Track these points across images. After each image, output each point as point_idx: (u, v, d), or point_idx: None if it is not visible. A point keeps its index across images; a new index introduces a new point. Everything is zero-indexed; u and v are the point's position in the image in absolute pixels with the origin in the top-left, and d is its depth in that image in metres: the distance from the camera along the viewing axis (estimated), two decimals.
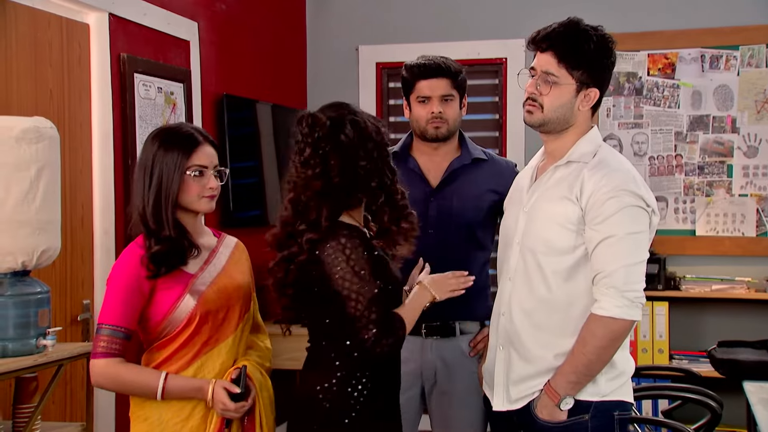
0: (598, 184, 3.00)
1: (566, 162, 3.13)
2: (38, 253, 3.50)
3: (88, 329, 4.48)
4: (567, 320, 3.05)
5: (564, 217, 3.04)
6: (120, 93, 4.68)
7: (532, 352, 3.10)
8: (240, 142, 5.87)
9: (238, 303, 3.22)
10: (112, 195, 4.63)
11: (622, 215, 2.97)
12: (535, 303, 3.10)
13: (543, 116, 3.13)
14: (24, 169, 3.45)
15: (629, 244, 2.97)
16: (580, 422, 3.03)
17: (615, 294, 2.94)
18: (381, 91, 6.85)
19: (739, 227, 6.18)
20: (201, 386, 3.07)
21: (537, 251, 3.10)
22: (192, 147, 3.13)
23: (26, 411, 3.59)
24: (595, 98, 3.12)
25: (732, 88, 6.19)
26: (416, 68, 3.79)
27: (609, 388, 3.06)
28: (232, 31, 5.91)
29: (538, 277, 3.09)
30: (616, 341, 2.98)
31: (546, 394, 3.04)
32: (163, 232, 3.07)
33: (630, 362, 3.17)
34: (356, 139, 3.02)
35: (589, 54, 3.07)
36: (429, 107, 3.75)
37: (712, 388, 4.47)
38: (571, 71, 3.07)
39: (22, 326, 3.47)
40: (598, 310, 2.96)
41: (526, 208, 3.18)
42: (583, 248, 3.03)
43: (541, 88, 3.10)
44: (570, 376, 3.00)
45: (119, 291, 3.05)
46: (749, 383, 4.41)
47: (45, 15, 4.28)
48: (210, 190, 3.16)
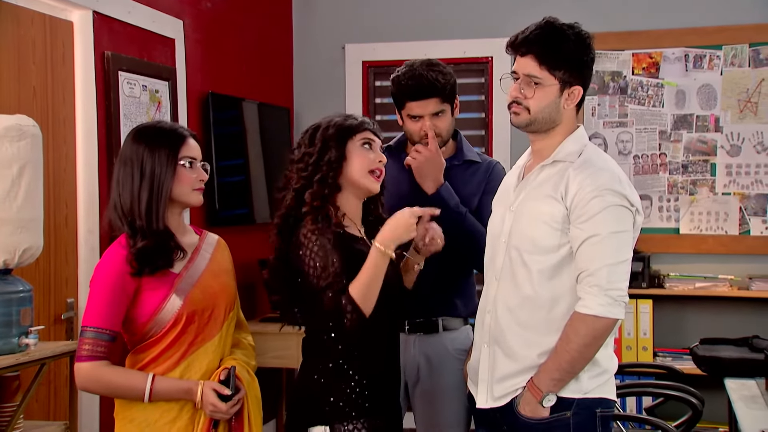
0: (582, 183, 3.02)
1: (552, 161, 3.15)
2: (20, 252, 3.49)
3: (72, 328, 4.48)
4: (551, 318, 3.07)
5: (549, 215, 3.06)
6: (104, 91, 4.68)
7: (516, 350, 3.11)
8: (226, 140, 5.88)
9: (223, 301, 3.22)
10: (96, 193, 4.62)
11: (606, 214, 2.98)
12: (520, 301, 3.11)
13: (530, 117, 3.14)
14: (6, 167, 3.44)
15: (613, 244, 2.98)
16: (561, 419, 3.04)
17: (598, 292, 2.95)
18: (367, 89, 6.85)
19: (722, 225, 6.21)
20: (189, 388, 3.07)
21: (522, 250, 3.11)
22: (180, 140, 3.15)
23: (8, 410, 3.57)
24: (579, 95, 3.14)
25: (715, 88, 6.22)
26: (405, 88, 3.75)
27: (591, 386, 3.08)
28: (217, 30, 5.91)
29: (524, 276, 3.11)
30: (599, 339, 3.00)
31: (529, 391, 3.05)
32: (152, 227, 3.08)
33: (613, 360, 3.19)
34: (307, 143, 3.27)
35: (568, 53, 3.09)
36: (420, 125, 3.74)
37: (694, 385, 4.51)
38: (552, 72, 3.09)
39: (4, 325, 3.46)
40: (582, 309, 2.98)
41: (513, 207, 3.20)
42: (567, 247, 3.05)
43: (525, 91, 3.12)
44: (553, 373, 3.01)
45: (103, 292, 3.04)
46: (730, 380, 4.45)
47: (28, 12, 4.28)
48: (201, 181, 3.18)
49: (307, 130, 3.28)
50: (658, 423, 4.13)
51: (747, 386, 4.33)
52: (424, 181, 3.71)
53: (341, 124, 3.22)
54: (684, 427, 4.34)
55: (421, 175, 3.71)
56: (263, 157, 6.31)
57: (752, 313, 6.06)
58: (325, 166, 3.17)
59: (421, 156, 3.68)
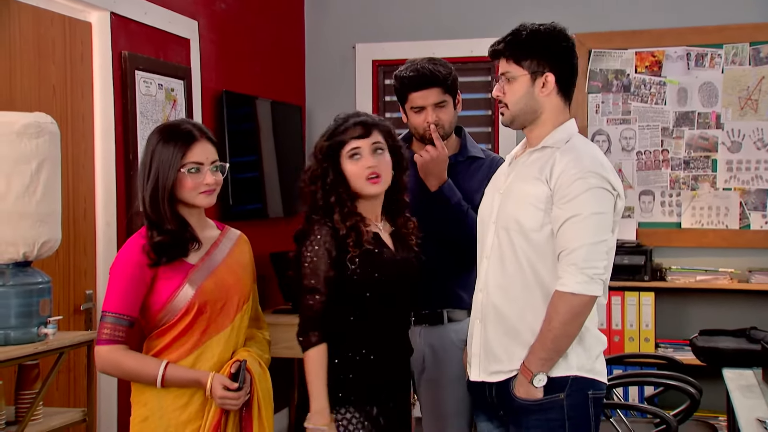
0: (566, 165, 3.10)
1: (541, 147, 3.23)
2: (39, 244, 3.56)
3: (90, 318, 4.54)
4: (536, 296, 3.15)
5: (534, 196, 3.13)
6: (121, 89, 4.74)
7: (506, 326, 3.19)
8: (240, 137, 5.93)
9: (236, 294, 3.25)
10: (114, 188, 4.69)
11: (588, 195, 3.05)
12: (508, 279, 3.19)
13: (510, 113, 3.25)
14: (25, 162, 3.51)
15: (593, 224, 3.05)
16: (555, 400, 3.12)
17: (575, 271, 3.02)
18: (377, 88, 6.92)
19: (723, 220, 6.26)
20: (199, 380, 3.11)
21: (510, 229, 3.18)
22: (188, 144, 3.16)
23: (28, 397, 3.65)
24: (553, 82, 3.21)
25: (716, 85, 6.26)
26: (406, 79, 3.81)
27: (580, 363, 3.15)
28: (231, 30, 5.97)
29: (510, 255, 3.18)
30: (578, 316, 3.06)
31: (521, 373, 3.13)
32: (163, 225, 3.13)
33: (600, 338, 3.25)
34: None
35: (533, 43, 3.19)
36: (423, 116, 3.78)
37: (694, 375, 4.56)
38: (520, 63, 3.19)
39: (23, 315, 3.54)
40: (560, 287, 3.04)
41: (502, 190, 3.28)
42: (549, 227, 3.12)
43: (502, 88, 3.23)
44: (540, 353, 3.08)
45: (122, 280, 3.09)
46: (728, 370, 4.46)
47: (48, 14, 4.35)
48: (206, 186, 3.18)
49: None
50: (656, 412, 4.21)
51: (744, 376, 4.34)
52: (428, 179, 3.76)
53: (326, 145, 3.31)
54: (682, 416, 4.43)
55: (425, 172, 3.76)
56: (276, 153, 6.38)
57: (752, 306, 6.10)
58: (333, 186, 3.28)
59: (427, 155, 3.72)
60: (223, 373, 3.15)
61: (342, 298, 3.22)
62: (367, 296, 3.24)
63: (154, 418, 3.14)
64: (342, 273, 3.21)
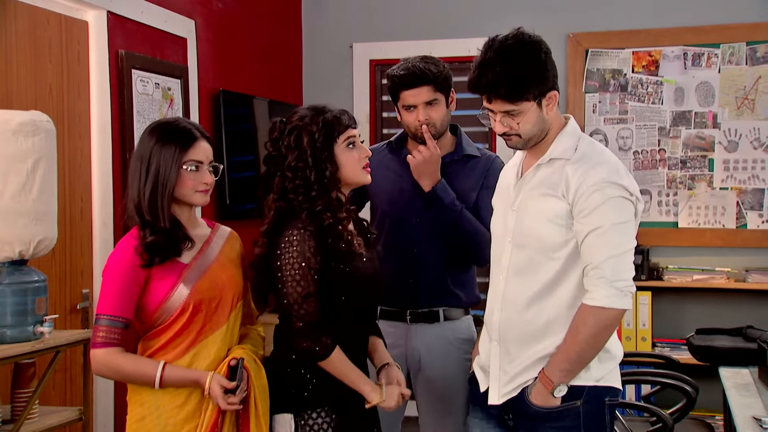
0: (582, 178, 3.05)
1: (549, 160, 3.17)
2: (35, 243, 3.55)
3: (87, 317, 4.53)
4: (559, 314, 3.10)
5: (553, 212, 3.09)
6: (118, 88, 4.73)
7: (526, 347, 3.14)
8: (237, 136, 5.92)
9: (230, 292, 3.23)
10: (110, 187, 4.68)
11: (607, 207, 3.01)
12: (529, 298, 3.14)
13: (523, 140, 3.16)
14: (21, 161, 3.50)
15: (615, 235, 3.01)
16: (572, 408, 3.09)
17: (604, 284, 2.98)
18: (374, 87, 6.93)
19: (720, 219, 6.28)
20: (197, 380, 3.10)
21: (530, 248, 3.14)
22: (189, 142, 3.15)
23: (24, 395, 3.63)
24: (556, 98, 3.15)
25: (713, 85, 6.28)
26: (397, 78, 3.80)
27: (601, 373, 3.12)
28: (228, 29, 5.97)
29: (531, 273, 3.14)
30: (607, 330, 3.03)
31: (540, 382, 3.08)
32: (158, 224, 3.11)
33: (620, 348, 3.23)
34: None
35: (527, 75, 3.08)
36: (415, 114, 3.78)
37: (690, 373, 4.58)
38: (525, 99, 3.08)
39: (19, 313, 3.52)
40: (589, 301, 3.00)
41: (514, 207, 3.22)
42: (574, 242, 3.08)
43: (509, 124, 3.13)
44: (563, 364, 3.04)
45: (115, 281, 3.07)
46: (724, 369, 4.46)
47: (45, 13, 4.34)
48: (204, 184, 3.18)
49: (283, 127, 3.25)
50: (653, 410, 4.22)
51: (740, 375, 4.34)
52: (421, 179, 3.77)
53: (324, 132, 3.20)
54: (678, 415, 4.44)
55: (418, 173, 3.76)
56: None
57: (748, 305, 6.13)
58: (326, 180, 3.19)
59: (420, 156, 3.73)
60: (219, 372, 3.13)
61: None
62: (342, 299, 3.21)
63: (151, 417, 3.12)
64: (324, 274, 3.16)
